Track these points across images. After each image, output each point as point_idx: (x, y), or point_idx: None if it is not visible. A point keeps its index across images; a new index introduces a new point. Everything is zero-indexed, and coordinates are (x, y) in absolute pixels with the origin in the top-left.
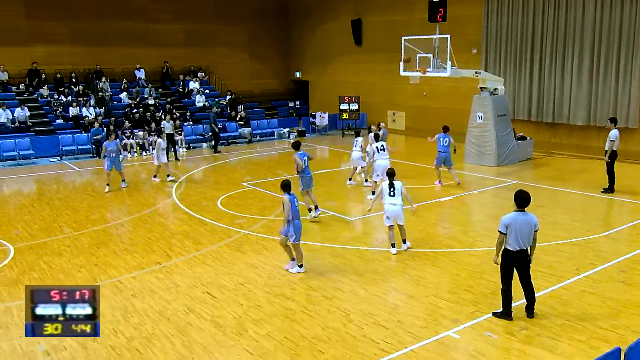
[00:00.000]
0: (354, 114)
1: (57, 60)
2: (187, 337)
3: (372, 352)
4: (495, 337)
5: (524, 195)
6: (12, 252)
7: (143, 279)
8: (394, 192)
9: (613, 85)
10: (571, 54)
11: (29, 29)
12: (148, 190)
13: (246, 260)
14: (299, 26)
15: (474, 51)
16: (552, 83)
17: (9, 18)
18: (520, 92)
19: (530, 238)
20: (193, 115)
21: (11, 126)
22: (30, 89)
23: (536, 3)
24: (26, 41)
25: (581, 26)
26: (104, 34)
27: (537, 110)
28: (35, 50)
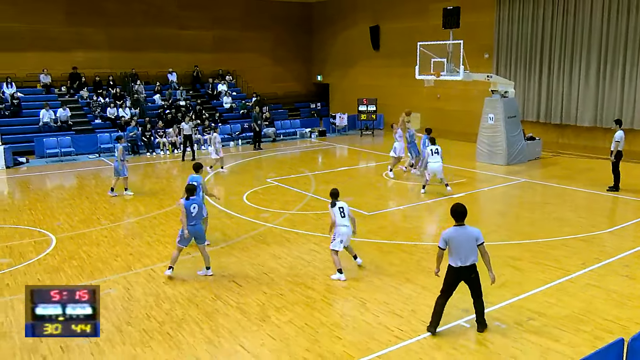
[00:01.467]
0: (372, 115)
1: (96, 65)
2: (214, 322)
3: (387, 338)
4: (503, 326)
5: (460, 209)
6: (54, 241)
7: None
8: (343, 214)
9: (619, 88)
10: (579, 59)
11: (70, 36)
12: (179, 185)
13: (270, 251)
14: (321, 33)
15: (486, 56)
16: (560, 86)
17: (51, 26)
18: (529, 94)
19: (474, 252)
20: (221, 116)
21: (54, 125)
22: (71, 91)
23: (546, 10)
24: (67, 47)
25: (589, 32)
26: (139, 40)
27: (545, 112)
28: (76, 55)
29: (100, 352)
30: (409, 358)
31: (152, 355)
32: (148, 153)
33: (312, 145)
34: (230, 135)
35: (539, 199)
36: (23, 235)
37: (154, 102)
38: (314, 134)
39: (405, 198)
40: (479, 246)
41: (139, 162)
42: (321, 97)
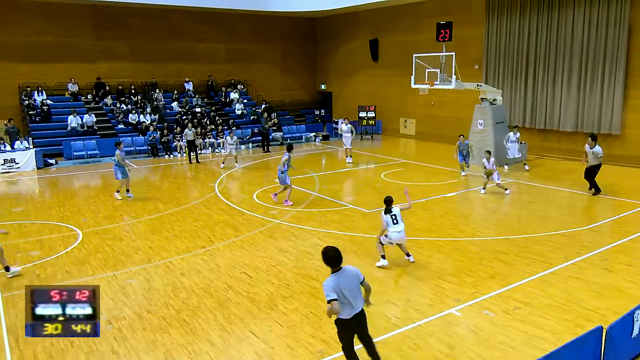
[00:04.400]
0: (371, 120)
1: (119, 75)
2: (227, 310)
3: (385, 326)
4: (492, 315)
5: (332, 253)
6: (80, 236)
7: (190, 261)
8: (396, 220)
9: (598, 96)
10: (561, 69)
11: (96, 48)
12: (195, 185)
13: (277, 245)
14: (325, 45)
15: (476, 67)
16: (544, 94)
17: (79, 39)
18: (516, 102)
19: (359, 292)
20: (233, 122)
21: (81, 130)
22: (97, 99)
23: (531, 25)
24: (93, 58)
25: (570, 45)
26: (158, 52)
27: (530, 118)
28: (101, 66)
29: (122, 337)
30: (405, 343)
31: (170, 340)
32: (166, 155)
33: (317, 148)
34: (242, 139)
35: (524, 198)
36: (52, 230)
37: (172, 109)
38: (318, 138)
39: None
40: (362, 283)
41: (157, 164)
42: (325, 104)
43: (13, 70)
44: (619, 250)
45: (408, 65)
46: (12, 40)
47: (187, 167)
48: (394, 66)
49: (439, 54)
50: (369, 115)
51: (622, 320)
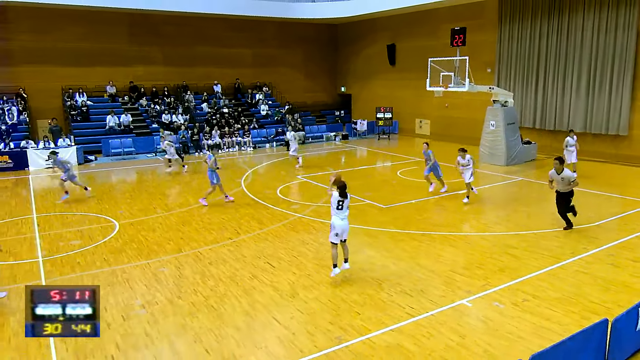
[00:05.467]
0: (388, 121)
1: (153, 78)
2: (251, 298)
3: (399, 315)
4: (502, 306)
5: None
6: (117, 227)
7: (218, 251)
8: (341, 206)
9: (607, 98)
10: (571, 72)
11: (132, 53)
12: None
13: (299, 237)
14: (345, 50)
15: (488, 70)
16: (554, 96)
17: (117, 45)
18: (527, 104)
19: None
20: (258, 121)
21: (118, 129)
22: (132, 100)
23: (542, 30)
24: (130, 63)
25: (580, 49)
26: (189, 57)
27: (541, 119)
28: (136, 69)
29: (155, 321)
30: (419, 331)
31: (198, 324)
32: (196, 153)
33: (337, 147)
34: (266, 138)
35: (534, 196)
36: (92, 221)
37: (201, 110)
38: (338, 137)
39: (416, 193)
40: None
41: (188, 161)
42: (344, 106)
43: (57, 74)
44: (624, 247)
45: (423, 69)
46: (56, 47)
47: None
48: (410, 70)
49: (453, 58)
50: (386, 116)
51: (627, 314)
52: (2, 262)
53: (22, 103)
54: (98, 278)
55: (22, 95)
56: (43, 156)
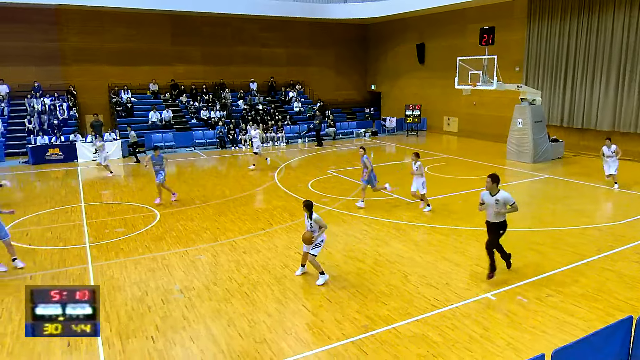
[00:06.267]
0: (416, 118)
1: (193, 76)
2: (283, 286)
3: (425, 306)
4: (525, 300)
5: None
6: (158, 216)
7: (251, 241)
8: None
9: (636, 97)
10: (600, 71)
11: (173, 53)
12: (257, 174)
13: (328, 229)
14: (375, 49)
15: (517, 69)
16: (582, 95)
17: (159, 45)
18: (554, 102)
19: None
20: (291, 118)
21: (159, 124)
22: (173, 97)
23: (571, 29)
24: (171, 62)
25: (609, 48)
26: (227, 56)
27: (568, 118)
28: (177, 68)
29: (192, 305)
30: (443, 323)
31: (232, 310)
32: (232, 147)
33: (366, 143)
34: (298, 134)
35: (560, 193)
36: (135, 210)
37: (238, 107)
38: (368, 133)
39: (443, 189)
40: None
41: (224, 155)
42: (374, 103)
43: (104, 72)
44: None
45: (452, 68)
46: (104, 47)
47: (250, 158)
48: (438, 68)
49: (481, 57)
50: (415, 114)
51: None
52: (53, 247)
53: (72, 99)
54: (140, 264)
55: (72, 92)
56: (91, 149)
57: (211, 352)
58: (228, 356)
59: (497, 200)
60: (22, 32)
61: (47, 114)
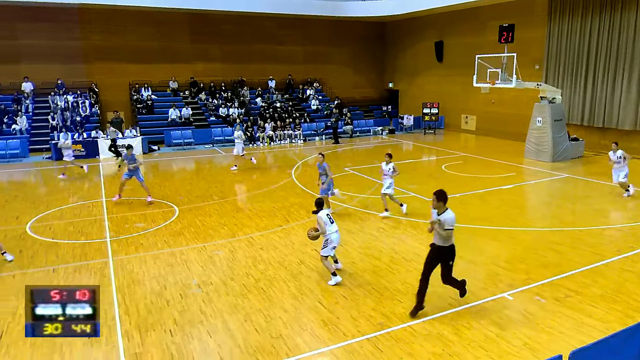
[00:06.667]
0: (434, 116)
1: (212, 74)
2: (299, 282)
3: (441, 305)
4: (543, 301)
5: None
6: (177, 212)
7: (268, 237)
8: (332, 220)
9: None
10: (622, 69)
11: (193, 51)
12: (275, 171)
13: (345, 227)
14: (393, 47)
15: (536, 67)
16: (603, 93)
17: (179, 44)
18: (575, 100)
19: None
20: (309, 116)
21: (179, 121)
22: (192, 94)
23: (592, 26)
24: (190, 60)
25: (632, 46)
26: (245, 54)
27: (589, 116)
28: (196, 66)
29: (209, 300)
30: (459, 321)
31: (249, 305)
32: (250, 144)
33: (383, 141)
34: (316, 132)
35: (580, 193)
36: (154, 206)
37: (256, 104)
38: (385, 131)
39: (460, 187)
40: None
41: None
42: (391, 101)
43: (125, 70)
44: None
45: (471, 66)
46: (126, 45)
47: (268, 156)
48: (457, 66)
49: (500, 54)
50: (432, 112)
51: None
52: (75, 241)
53: (94, 96)
54: (159, 258)
55: (94, 89)
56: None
57: (228, 347)
58: (244, 351)
59: (439, 221)
60: (47, 31)
61: (69, 111)
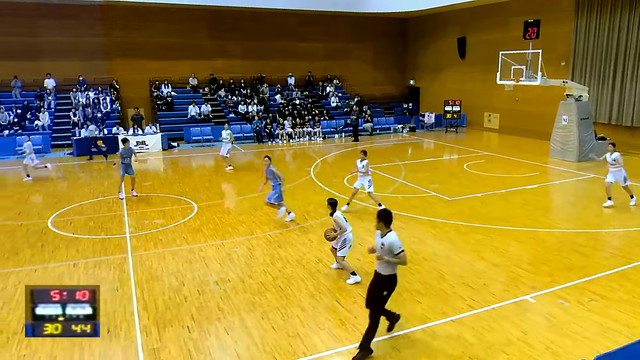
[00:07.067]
0: (456, 114)
1: (231, 70)
2: (316, 280)
3: (460, 306)
4: (567, 304)
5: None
6: (195, 209)
7: (286, 235)
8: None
9: None
10: None
11: (212, 48)
12: (293, 168)
13: (363, 225)
14: (414, 43)
15: (562, 64)
16: (632, 91)
17: (198, 40)
18: (602, 99)
19: None
20: (328, 113)
21: (198, 118)
22: (212, 91)
23: (622, 22)
24: (210, 56)
25: None
26: (265, 51)
27: (617, 115)
28: (216, 62)
29: (227, 297)
30: (479, 324)
31: (266, 303)
32: (269, 141)
33: (403, 139)
34: (335, 129)
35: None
36: (173, 202)
37: (275, 101)
38: (405, 129)
39: (482, 187)
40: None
41: (261, 149)
42: (412, 99)
43: (146, 66)
44: None
45: (494, 62)
46: (147, 42)
47: (287, 152)
48: (480, 63)
49: (525, 51)
50: (454, 109)
51: None
52: (95, 236)
53: (114, 93)
54: (177, 255)
55: (115, 86)
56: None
57: (245, 344)
58: (261, 349)
59: (382, 244)
60: (70, 28)
61: (91, 107)
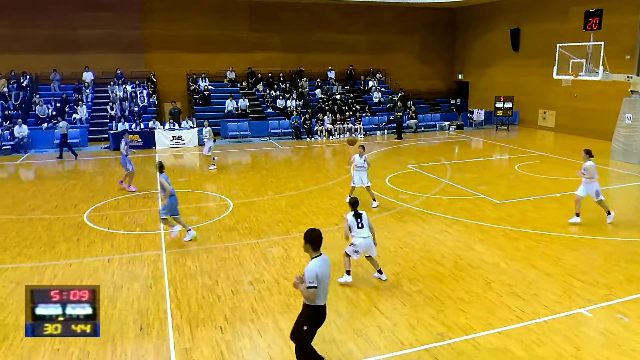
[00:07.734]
0: (507, 111)
1: (270, 64)
2: (354, 286)
3: (508, 317)
4: (626, 319)
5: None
6: (231, 206)
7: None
8: (361, 224)
9: None
10: None
11: (252, 40)
12: (332, 166)
13: (406, 228)
14: (463, 35)
15: (627, 57)
16: None
17: (238, 33)
18: None
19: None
20: (370, 108)
21: (235, 113)
22: (250, 85)
23: None
24: (249, 49)
25: None
26: (305, 43)
27: None
28: (255, 55)
29: (261, 298)
30: (528, 337)
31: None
32: (308, 138)
33: (450, 137)
34: (377, 126)
35: None
36: (208, 199)
37: (315, 96)
38: (452, 127)
39: (535, 189)
40: None
41: (300, 146)
42: (460, 94)
43: (183, 59)
44: None
45: (550, 55)
46: (185, 34)
47: (327, 150)
48: (535, 56)
49: (585, 43)
50: (506, 106)
51: None
52: (130, 232)
53: (151, 87)
54: (212, 253)
55: (152, 79)
56: (169, 137)
57: (278, 347)
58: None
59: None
60: (108, 20)
61: (128, 101)
